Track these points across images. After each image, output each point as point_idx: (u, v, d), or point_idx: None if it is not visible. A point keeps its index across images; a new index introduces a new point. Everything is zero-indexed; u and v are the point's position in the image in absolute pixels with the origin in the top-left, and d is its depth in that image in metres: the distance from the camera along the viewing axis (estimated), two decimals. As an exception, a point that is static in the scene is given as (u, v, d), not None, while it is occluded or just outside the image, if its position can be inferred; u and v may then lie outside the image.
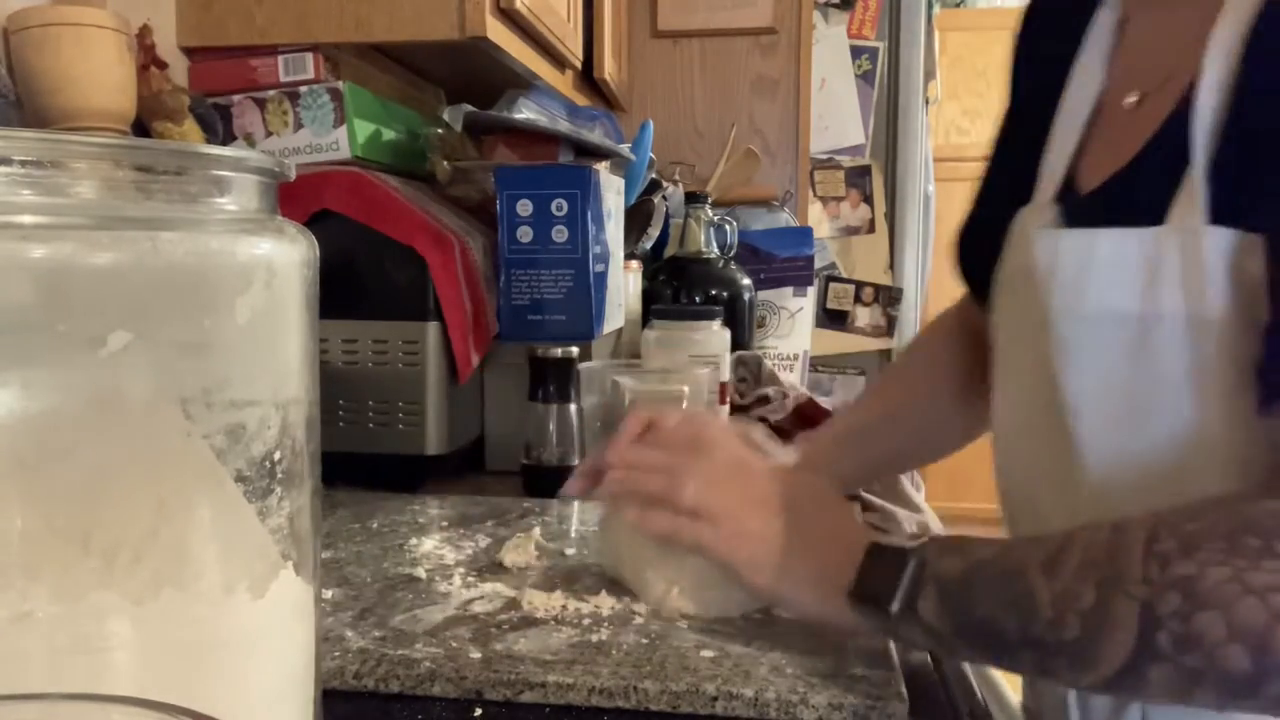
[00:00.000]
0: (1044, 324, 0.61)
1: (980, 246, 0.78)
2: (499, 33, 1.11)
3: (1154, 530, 0.49)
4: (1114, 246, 0.57)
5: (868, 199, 2.50)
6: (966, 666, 0.78)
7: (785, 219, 2.16)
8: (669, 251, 1.70)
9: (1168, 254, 0.54)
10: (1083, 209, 0.63)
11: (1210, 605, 0.45)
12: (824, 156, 2.46)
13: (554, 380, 1.01)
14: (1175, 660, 0.46)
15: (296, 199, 0.97)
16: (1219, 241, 0.52)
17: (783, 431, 1.16)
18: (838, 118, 2.46)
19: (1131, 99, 0.64)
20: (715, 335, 1.30)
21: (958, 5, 3.83)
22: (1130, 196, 0.59)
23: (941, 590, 0.53)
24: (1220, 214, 0.53)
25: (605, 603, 0.66)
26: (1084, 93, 0.68)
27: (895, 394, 0.91)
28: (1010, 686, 0.83)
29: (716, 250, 1.67)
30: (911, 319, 2.53)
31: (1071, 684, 0.54)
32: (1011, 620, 0.51)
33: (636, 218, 1.53)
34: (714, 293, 1.60)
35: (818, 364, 2.49)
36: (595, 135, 1.27)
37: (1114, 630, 0.47)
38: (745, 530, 0.61)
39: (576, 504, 0.92)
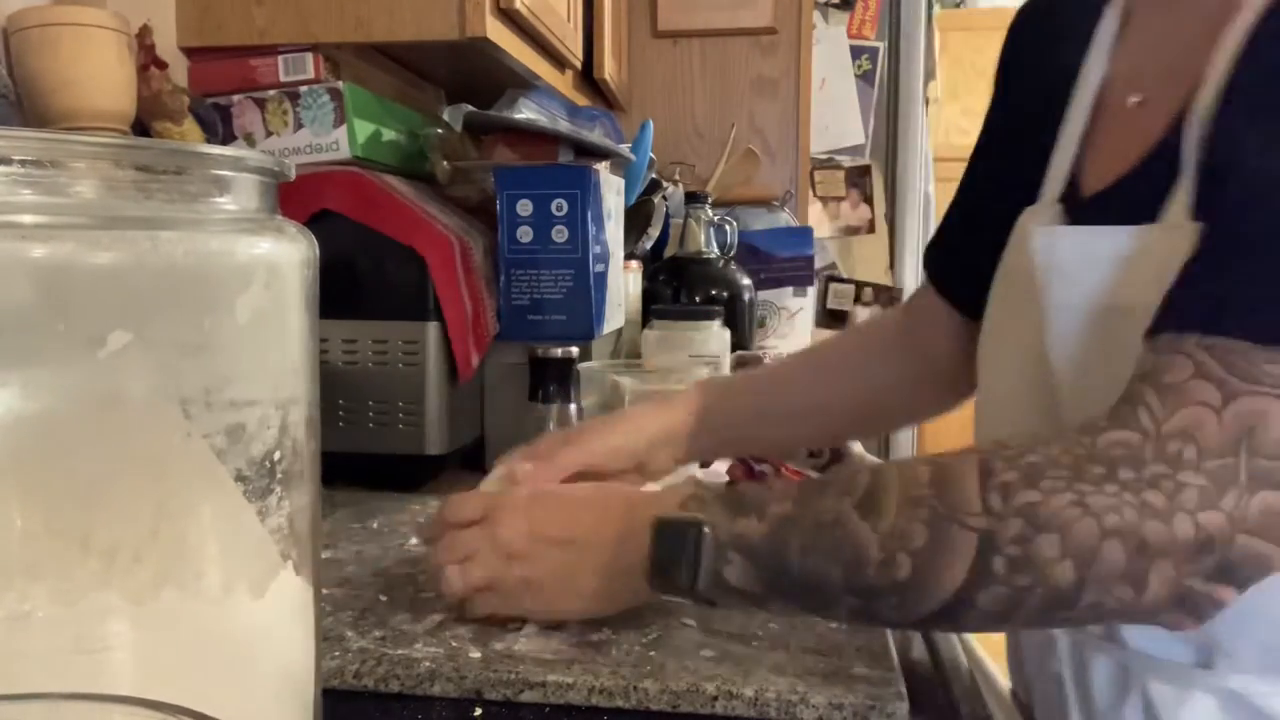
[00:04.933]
0: (1040, 319, 0.62)
1: (966, 252, 0.79)
2: (499, 33, 1.11)
3: (986, 463, 0.50)
4: (1112, 243, 0.58)
5: (868, 199, 2.50)
6: (963, 660, 0.78)
7: (785, 219, 2.16)
8: (669, 251, 1.70)
9: (1159, 250, 0.56)
10: (1086, 211, 0.64)
11: (1050, 528, 0.48)
12: (824, 156, 2.46)
13: (554, 380, 1.01)
14: (1007, 583, 0.48)
15: (296, 199, 0.97)
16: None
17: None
18: (838, 118, 2.45)
19: (1135, 99, 0.65)
20: (715, 335, 1.30)
21: (958, 5, 3.83)
22: (1132, 198, 0.60)
23: (748, 554, 0.54)
24: (1200, 210, 0.55)
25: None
26: (1088, 91, 0.69)
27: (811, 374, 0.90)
28: (1004, 676, 0.83)
29: (716, 250, 1.67)
30: (911, 319, 2.53)
31: (893, 624, 0.55)
32: (835, 570, 0.52)
33: (636, 218, 1.53)
34: (714, 293, 1.60)
35: (818, 364, 2.48)
36: (595, 135, 1.27)
37: (949, 562, 0.49)
38: (517, 584, 0.61)
39: None
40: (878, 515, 0.51)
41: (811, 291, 1.88)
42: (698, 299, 1.59)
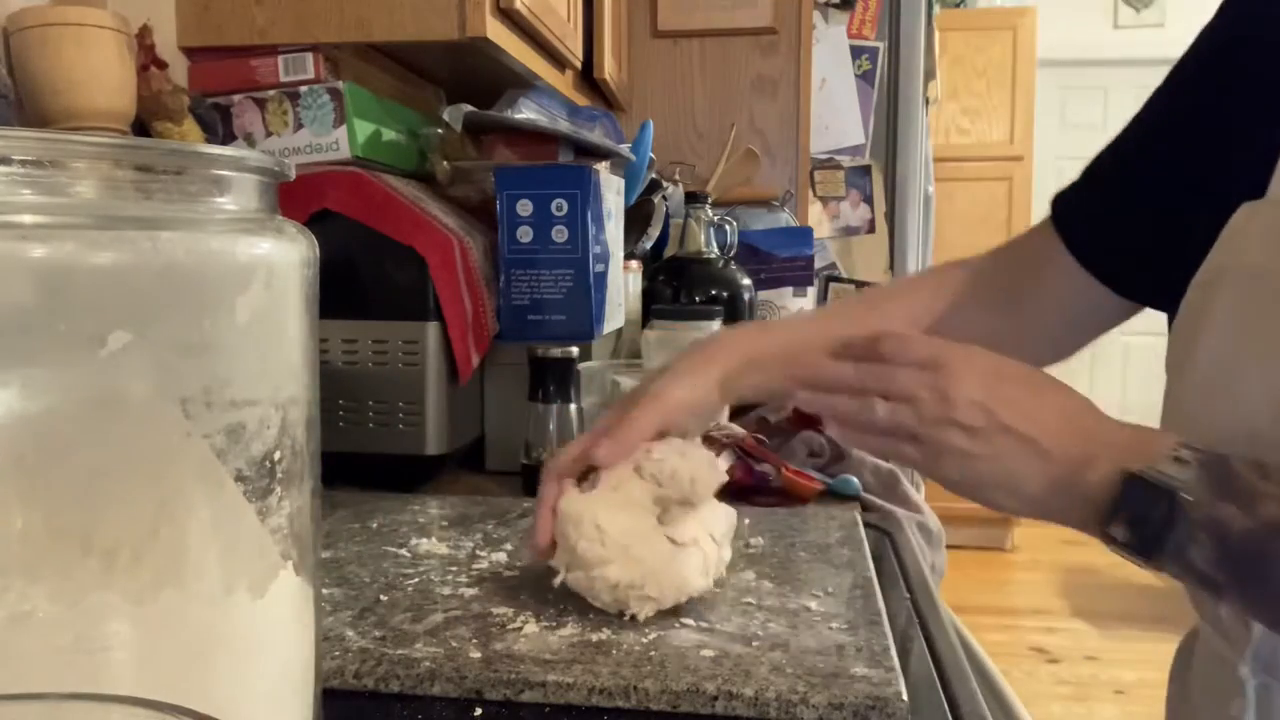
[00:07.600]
0: None
1: (1115, 221, 0.73)
2: (499, 33, 1.11)
3: None
4: None
5: (868, 199, 2.50)
6: (964, 660, 0.77)
7: (785, 219, 2.16)
8: (669, 251, 1.70)
9: None
10: None
11: None
12: (824, 156, 2.46)
13: (554, 380, 1.01)
14: None
15: (296, 199, 0.97)
16: None
17: (782, 430, 1.16)
18: (838, 118, 2.45)
19: None
20: (715, 335, 1.30)
21: (958, 5, 3.83)
22: None
23: (1223, 543, 0.51)
24: None
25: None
26: None
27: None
28: (1002, 676, 0.82)
29: (716, 250, 1.67)
30: (911, 319, 2.52)
31: None
32: None
33: (636, 218, 1.53)
34: (714, 293, 1.60)
35: (818, 364, 2.48)
36: (595, 135, 1.27)
37: None
38: (953, 451, 0.57)
39: None
40: None
41: (811, 291, 1.88)
42: (698, 299, 1.59)
